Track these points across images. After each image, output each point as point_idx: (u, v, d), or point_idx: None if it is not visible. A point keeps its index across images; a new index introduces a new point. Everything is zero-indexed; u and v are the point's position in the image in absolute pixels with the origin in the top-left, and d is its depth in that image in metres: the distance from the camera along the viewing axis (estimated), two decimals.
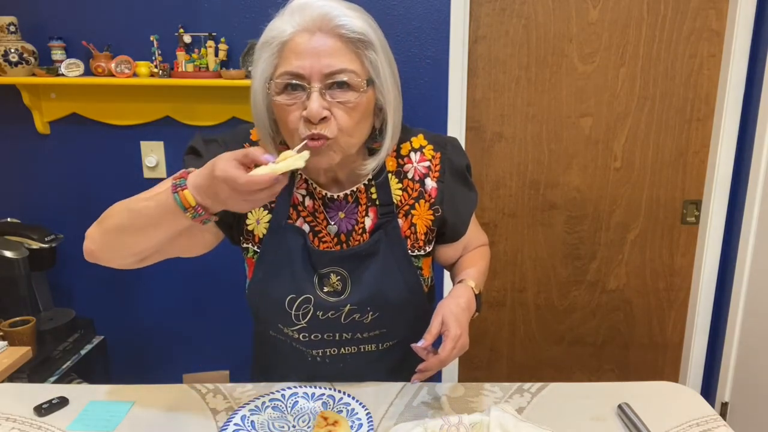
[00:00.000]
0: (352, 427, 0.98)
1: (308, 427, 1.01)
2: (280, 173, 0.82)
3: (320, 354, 1.11)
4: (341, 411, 1.03)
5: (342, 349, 1.11)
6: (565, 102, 2.09)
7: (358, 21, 0.90)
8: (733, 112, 2.02)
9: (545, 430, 0.94)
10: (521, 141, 2.13)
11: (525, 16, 2.02)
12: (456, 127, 2.04)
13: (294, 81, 0.89)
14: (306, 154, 0.87)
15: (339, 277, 1.05)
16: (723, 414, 2.11)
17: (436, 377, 1.34)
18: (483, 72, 2.07)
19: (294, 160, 0.85)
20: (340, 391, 1.08)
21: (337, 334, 1.08)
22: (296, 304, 1.04)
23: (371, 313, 1.05)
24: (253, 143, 1.05)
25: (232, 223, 1.07)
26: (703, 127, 2.10)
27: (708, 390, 2.25)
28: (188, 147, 1.07)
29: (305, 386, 1.10)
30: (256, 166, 0.84)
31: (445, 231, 1.12)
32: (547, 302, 2.29)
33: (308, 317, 1.05)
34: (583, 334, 2.32)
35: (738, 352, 2.08)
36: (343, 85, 0.90)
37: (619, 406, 1.04)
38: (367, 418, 1.00)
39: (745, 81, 1.99)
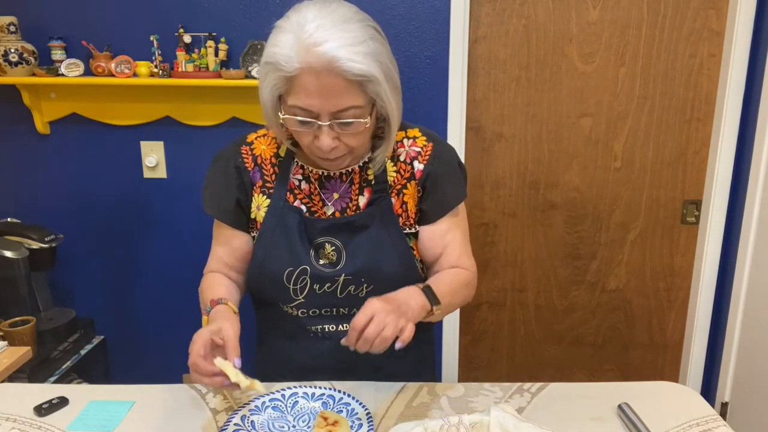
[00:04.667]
0: (352, 427, 0.98)
1: (308, 427, 1.01)
2: (222, 369, 0.93)
3: (319, 330, 1.15)
4: (341, 411, 1.03)
5: (340, 326, 1.14)
6: (565, 102, 2.09)
7: (361, 63, 0.93)
8: (733, 112, 2.02)
9: (545, 430, 0.94)
10: (521, 141, 2.13)
11: (525, 16, 2.02)
12: (456, 127, 2.04)
13: (306, 119, 0.98)
14: (259, 386, 0.96)
15: (334, 248, 1.11)
16: (723, 414, 2.11)
17: (437, 377, 1.34)
18: (483, 72, 2.07)
19: (248, 382, 0.94)
20: (340, 391, 1.09)
21: (335, 309, 1.13)
22: (294, 277, 1.10)
23: (366, 285, 1.10)
24: (248, 144, 1.16)
25: (242, 220, 1.16)
26: (703, 127, 2.10)
27: (708, 390, 2.25)
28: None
29: (305, 386, 1.10)
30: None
31: (423, 209, 1.14)
32: (547, 302, 2.29)
33: (306, 291, 1.11)
34: (583, 334, 2.32)
35: (738, 352, 2.08)
36: (349, 120, 0.98)
37: (619, 406, 1.04)
38: (367, 418, 1.00)
39: (745, 81, 1.99)
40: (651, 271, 2.25)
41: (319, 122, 0.97)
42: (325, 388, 1.10)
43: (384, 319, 0.93)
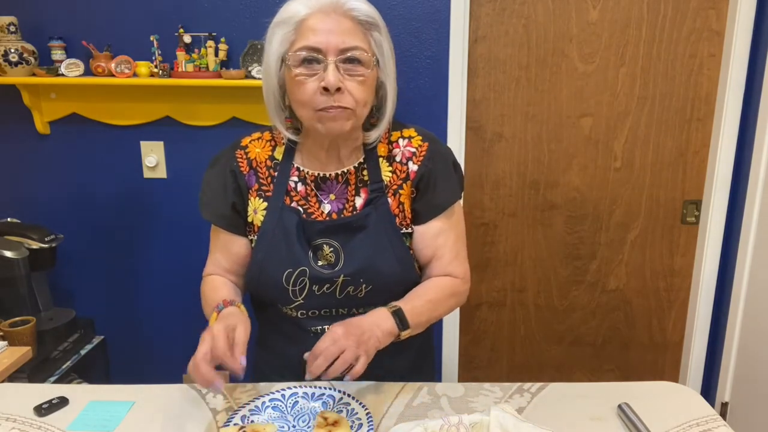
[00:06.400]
0: (352, 427, 0.98)
1: (308, 427, 1.01)
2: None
3: (319, 330, 1.15)
4: (341, 411, 1.03)
5: None
6: (565, 102, 2.09)
7: (366, 6, 1.03)
8: (733, 112, 2.02)
9: (545, 430, 0.94)
10: (521, 141, 2.13)
11: (525, 16, 2.02)
12: (456, 127, 2.04)
13: (312, 55, 0.99)
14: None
15: (332, 249, 1.11)
16: (723, 414, 2.11)
17: (436, 377, 1.34)
18: (483, 72, 2.07)
19: None
20: (340, 391, 1.09)
21: (334, 310, 1.14)
22: (293, 278, 1.10)
23: (364, 285, 1.10)
24: (243, 148, 1.16)
25: (238, 224, 1.16)
26: (703, 127, 2.10)
27: (708, 390, 2.25)
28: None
29: (305, 386, 1.10)
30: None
31: (416, 210, 1.15)
32: (547, 302, 2.29)
33: (305, 293, 1.11)
34: (583, 334, 2.32)
35: (738, 352, 2.08)
36: (354, 61, 1.00)
37: (619, 406, 1.04)
38: (367, 418, 1.00)
39: (745, 81, 1.99)
40: (651, 271, 2.25)
41: (327, 60, 0.98)
42: (325, 388, 1.10)
43: (344, 343, 0.97)
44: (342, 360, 0.96)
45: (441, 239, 1.15)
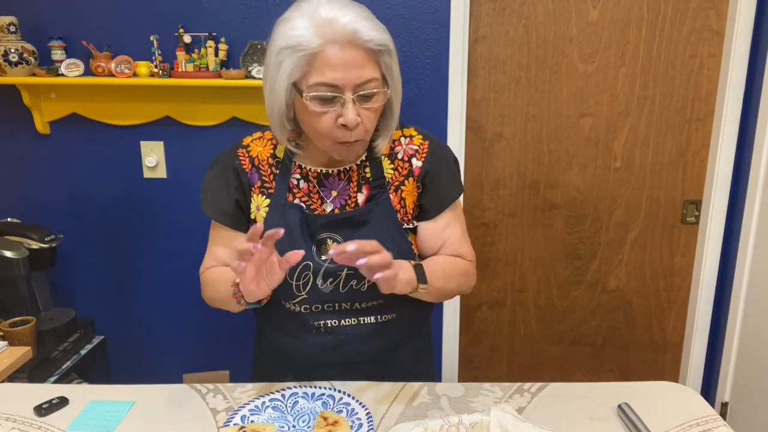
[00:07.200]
0: (352, 427, 0.99)
1: (308, 427, 1.01)
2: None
3: (321, 325, 1.15)
4: (341, 411, 1.03)
5: (342, 321, 1.15)
6: (565, 102, 2.09)
7: (378, 34, 1.00)
8: (733, 112, 2.02)
9: (545, 430, 0.94)
10: (521, 141, 2.13)
11: (525, 16, 2.02)
12: (456, 127, 2.04)
13: (330, 93, 0.98)
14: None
15: (335, 243, 1.12)
16: (723, 414, 2.11)
17: (436, 377, 1.34)
18: (483, 72, 2.07)
19: None
20: (340, 391, 1.09)
21: (336, 305, 1.14)
22: (296, 273, 1.11)
23: (368, 279, 1.10)
24: (245, 147, 1.17)
25: (241, 220, 1.17)
26: (703, 127, 2.10)
27: (708, 390, 2.25)
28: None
29: (305, 386, 1.11)
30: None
31: (423, 205, 1.17)
32: (547, 302, 2.29)
33: (308, 287, 1.12)
34: (583, 334, 2.32)
35: (738, 352, 2.08)
36: (369, 96, 1.01)
37: (619, 406, 1.04)
38: (367, 418, 1.00)
39: (745, 81, 1.99)
40: (651, 271, 2.25)
41: (344, 97, 0.98)
42: (325, 388, 1.10)
43: (386, 254, 0.97)
44: (380, 258, 0.95)
45: (448, 231, 1.18)
